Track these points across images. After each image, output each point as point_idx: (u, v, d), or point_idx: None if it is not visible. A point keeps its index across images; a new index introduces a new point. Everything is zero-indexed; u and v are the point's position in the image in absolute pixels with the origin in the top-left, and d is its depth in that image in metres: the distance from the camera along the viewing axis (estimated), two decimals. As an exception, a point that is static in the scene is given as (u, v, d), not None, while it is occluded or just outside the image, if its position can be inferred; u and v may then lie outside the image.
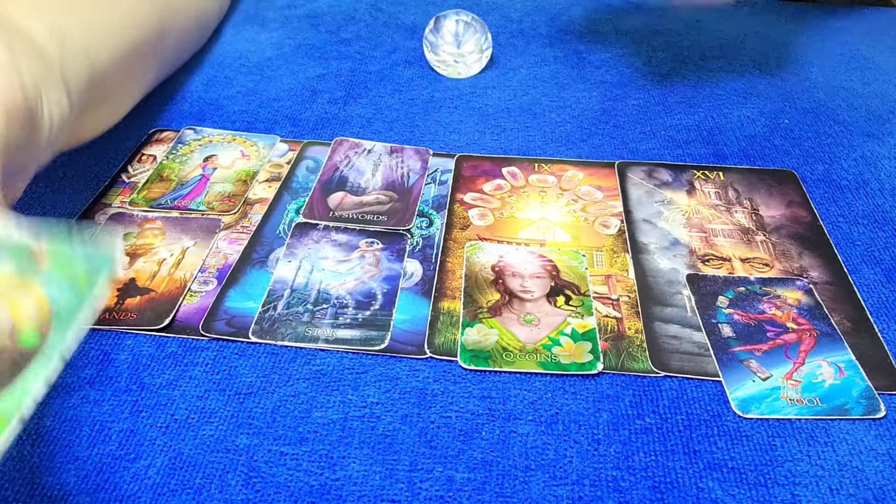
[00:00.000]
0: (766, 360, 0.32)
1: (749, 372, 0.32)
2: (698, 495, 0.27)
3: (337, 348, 0.33)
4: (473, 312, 0.35)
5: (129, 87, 0.45)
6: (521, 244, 0.39)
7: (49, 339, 0.21)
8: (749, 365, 0.32)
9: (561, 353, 0.32)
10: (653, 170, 0.45)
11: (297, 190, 0.43)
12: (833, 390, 0.31)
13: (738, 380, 0.32)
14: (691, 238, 0.39)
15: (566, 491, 0.27)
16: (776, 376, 0.32)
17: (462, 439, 0.29)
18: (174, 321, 0.34)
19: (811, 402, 0.31)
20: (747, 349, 0.33)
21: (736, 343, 0.33)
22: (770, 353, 0.33)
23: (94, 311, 0.22)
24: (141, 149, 0.47)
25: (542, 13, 0.67)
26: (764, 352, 0.33)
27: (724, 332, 0.34)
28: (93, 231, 0.39)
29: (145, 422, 0.30)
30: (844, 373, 0.32)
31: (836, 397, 0.31)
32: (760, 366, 0.32)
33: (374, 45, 0.61)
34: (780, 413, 0.30)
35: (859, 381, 0.31)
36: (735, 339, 0.33)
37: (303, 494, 0.27)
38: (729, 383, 0.31)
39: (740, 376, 0.32)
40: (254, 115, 0.51)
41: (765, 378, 0.32)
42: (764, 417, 0.30)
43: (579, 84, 0.55)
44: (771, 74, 0.56)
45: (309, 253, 0.38)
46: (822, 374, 0.32)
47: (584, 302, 0.35)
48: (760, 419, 0.30)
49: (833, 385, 0.31)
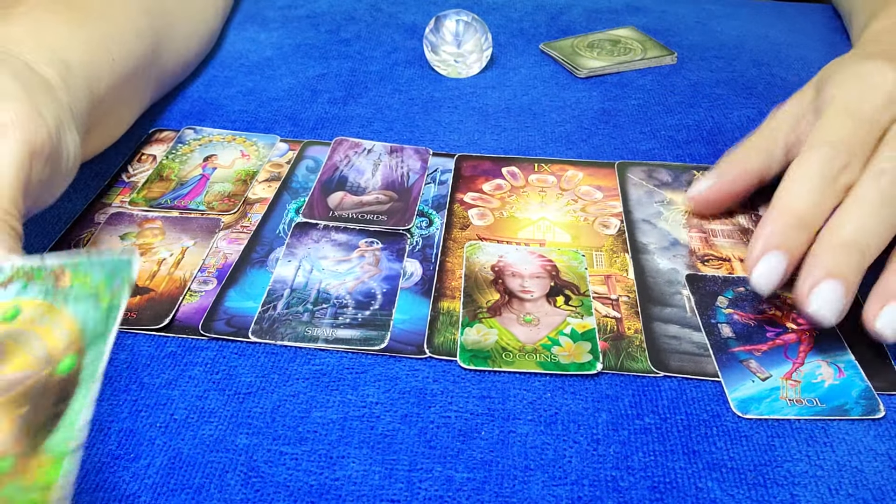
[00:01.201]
0: (766, 360, 0.32)
1: (748, 372, 0.32)
2: (697, 495, 0.27)
3: (336, 348, 0.33)
4: (473, 312, 0.35)
5: (127, 109, 0.45)
6: (520, 244, 0.39)
7: (85, 360, 0.21)
8: (748, 365, 0.32)
9: (560, 353, 0.33)
10: (653, 170, 0.45)
11: (297, 190, 0.43)
12: (832, 390, 0.31)
13: (738, 380, 0.32)
14: (691, 238, 0.39)
15: (565, 491, 0.27)
16: (775, 376, 0.32)
17: (461, 439, 0.29)
18: (174, 321, 0.34)
19: (811, 402, 0.31)
20: (747, 349, 0.33)
21: (735, 343, 0.33)
22: (769, 353, 0.33)
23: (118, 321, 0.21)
24: (141, 148, 0.47)
25: (542, 13, 0.67)
26: (763, 352, 0.33)
27: (724, 333, 0.34)
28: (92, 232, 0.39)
29: (145, 421, 0.30)
30: (844, 373, 0.32)
31: (835, 398, 0.31)
32: (760, 366, 0.32)
33: (374, 45, 0.61)
34: (780, 413, 0.30)
35: (859, 381, 0.31)
36: (734, 340, 0.33)
37: (302, 494, 0.27)
38: (728, 384, 0.31)
39: (740, 376, 0.32)
40: (254, 115, 0.51)
41: (764, 378, 0.32)
42: (763, 418, 0.30)
43: (579, 84, 0.55)
44: (771, 74, 0.56)
45: (309, 253, 0.38)
46: (822, 375, 0.32)
47: (584, 302, 0.35)
48: (760, 420, 0.30)
49: (832, 385, 0.31)
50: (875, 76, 0.36)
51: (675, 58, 0.58)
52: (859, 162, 0.34)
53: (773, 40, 0.62)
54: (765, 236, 0.33)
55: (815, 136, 0.35)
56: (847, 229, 0.32)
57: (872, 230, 0.32)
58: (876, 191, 0.32)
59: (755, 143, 0.39)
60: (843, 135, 0.34)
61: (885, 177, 0.33)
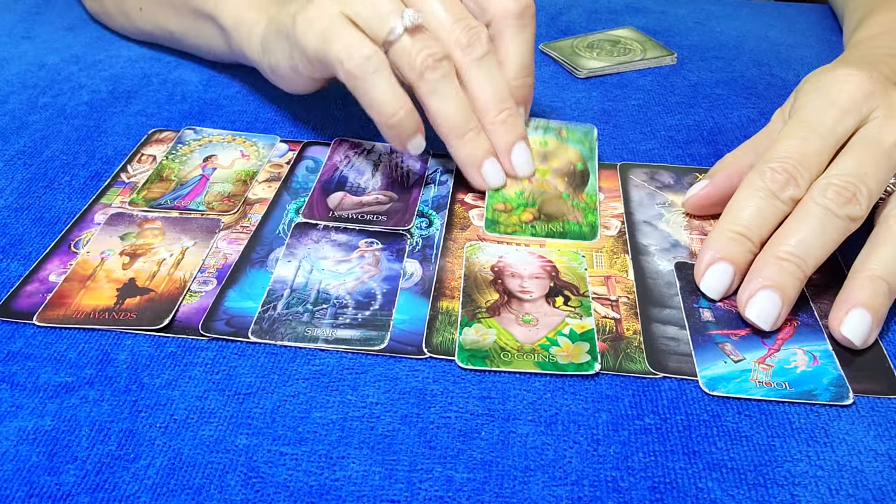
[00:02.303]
0: (742, 344, 0.33)
1: (722, 354, 0.32)
2: (697, 495, 0.27)
3: (336, 348, 0.33)
4: (472, 312, 0.35)
5: None
6: (521, 245, 0.39)
7: (587, 165, 0.44)
8: (724, 347, 0.33)
9: (559, 353, 0.33)
10: (655, 172, 0.45)
11: (297, 190, 0.43)
12: (804, 376, 0.31)
13: (710, 360, 0.32)
14: (692, 240, 0.39)
15: (565, 491, 0.27)
16: (749, 360, 0.32)
17: (461, 440, 0.29)
18: (174, 321, 0.34)
19: (780, 385, 0.31)
20: (724, 333, 0.33)
21: (714, 327, 0.34)
22: (747, 338, 0.33)
23: (596, 152, 0.45)
24: (140, 149, 0.47)
25: (542, 13, 0.67)
26: (741, 336, 0.33)
27: (704, 317, 0.34)
28: None
29: (145, 422, 0.30)
30: (818, 361, 0.32)
31: (805, 383, 0.31)
32: (735, 349, 0.33)
33: (374, 46, 0.61)
34: (747, 394, 0.31)
35: (832, 369, 0.32)
36: (714, 324, 0.34)
37: (302, 494, 0.27)
38: (700, 362, 0.32)
39: (713, 357, 0.32)
40: (254, 115, 0.51)
41: (737, 360, 0.32)
42: (729, 396, 0.31)
43: (579, 84, 0.55)
44: (771, 74, 0.56)
45: (308, 253, 0.38)
46: (796, 361, 0.32)
47: (583, 303, 0.35)
48: (755, 416, 0.30)
49: (805, 371, 0.32)
50: (839, 85, 0.37)
51: (674, 58, 0.58)
52: (809, 175, 0.35)
53: (772, 41, 0.62)
54: (712, 247, 0.35)
55: (769, 150, 0.36)
56: (789, 242, 0.33)
57: (812, 243, 0.33)
58: (819, 205, 0.33)
59: (745, 149, 0.40)
60: (793, 149, 0.35)
61: (830, 190, 0.34)
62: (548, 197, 0.41)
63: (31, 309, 0.35)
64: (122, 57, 0.58)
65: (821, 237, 0.33)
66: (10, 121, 0.50)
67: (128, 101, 0.52)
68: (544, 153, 0.44)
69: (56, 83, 0.55)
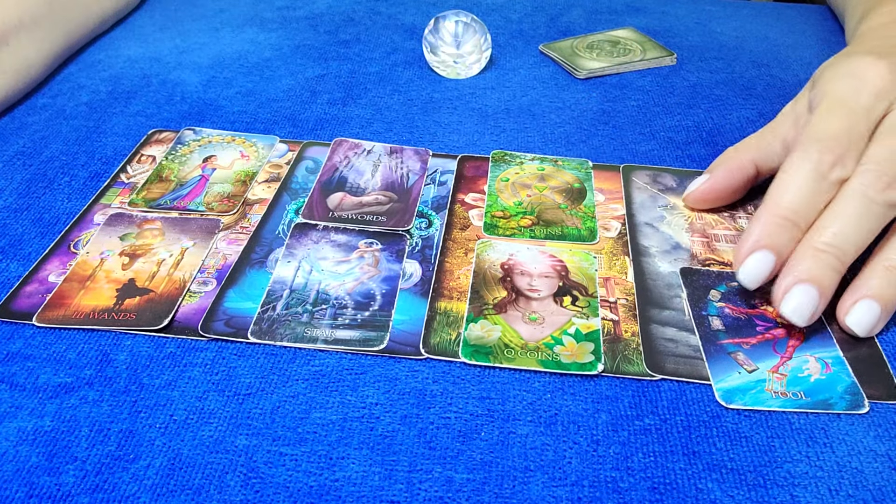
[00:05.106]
0: (754, 353, 0.33)
1: (735, 364, 0.32)
2: (697, 496, 0.27)
3: (336, 349, 0.33)
4: (479, 308, 0.35)
5: None
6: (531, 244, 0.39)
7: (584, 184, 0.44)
8: (736, 357, 0.32)
9: (563, 352, 0.32)
10: (657, 174, 0.45)
11: (297, 190, 0.43)
12: (818, 385, 0.31)
13: (724, 371, 0.32)
14: (693, 243, 0.39)
15: (565, 492, 0.27)
16: (762, 369, 0.32)
17: (461, 440, 0.29)
18: (173, 321, 0.34)
19: (795, 395, 0.31)
20: (736, 342, 0.33)
21: (724, 336, 0.33)
22: (758, 346, 0.33)
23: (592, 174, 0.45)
24: (140, 149, 0.47)
25: (542, 14, 0.67)
26: (752, 345, 0.33)
27: (714, 325, 0.34)
28: None
29: (144, 422, 0.30)
30: (831, 368, 0.32)
31: (820, 392, 0.31)
32: (748, 358, 0.32)
33: (373, 46, 0.61)
34: (764, 405, 0.30)
35: (845, 377, 0.32)
36: (724, 332, 0.34)
37: (302, 495, 0.27)
38: (714, 374, 0.32)
39: (726, 367, 0.32)
40: (253, 116, 0.51)
41: (751, 370, 0.32)
42: (747, 409, 0.30)
43: (579, 85, 0.55)
44: (770, 75, 0.56)
45: (308, 253, 0.38)
46: (809, 369, 0.32)
47: (591, 303, 0.35)
48: (759, 420, 0.30)
49: (818, 380, 0.31)
50: (864, 70, 0.36)
51: (674, 59, 0.58)
52: (853, 155, 0.34)
53: (772, 41, 0.62)
54: (754, 234, 0.33)
55: (807, 132, 0.35)
56: (828, 233, 0.32)
57: (850, 234, 0.32)
58: (858, 193, 0.32)
59: (748, 142, 0.40)
60: (835, 129, 0.34)
61: (868, 176, 0.33)
62: (546, 206, 0.41)
63: (30, 309, 0.35)
64: (122, 57, 0.58)
65: (859, 226, 0.32)
66: (9, 121, 0.50)
67: (127, 102, 0.52)
68: (542, 175, 0.44)
69: (55, 83, 0.55)
